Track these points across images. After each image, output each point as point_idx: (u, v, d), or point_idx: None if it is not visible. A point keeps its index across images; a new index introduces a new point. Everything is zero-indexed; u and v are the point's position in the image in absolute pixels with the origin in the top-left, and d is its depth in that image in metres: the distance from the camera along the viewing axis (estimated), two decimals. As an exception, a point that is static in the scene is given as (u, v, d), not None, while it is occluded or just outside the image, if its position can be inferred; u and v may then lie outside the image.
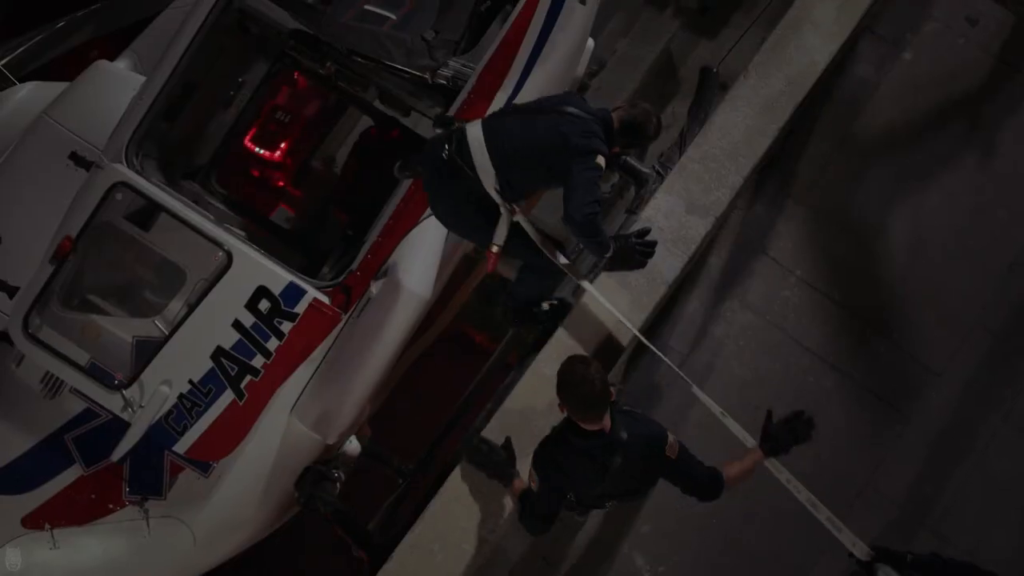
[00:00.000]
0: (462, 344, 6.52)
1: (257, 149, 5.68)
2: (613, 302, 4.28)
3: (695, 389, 3.98)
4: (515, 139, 3.88)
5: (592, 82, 6.60)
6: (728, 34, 7.73)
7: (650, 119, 3.92)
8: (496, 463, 4.10)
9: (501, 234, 3.97)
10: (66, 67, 5.72)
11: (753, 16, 8.23)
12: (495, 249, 3.99)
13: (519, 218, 3.94)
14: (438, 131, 4.18)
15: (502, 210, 3.94)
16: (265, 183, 5.88)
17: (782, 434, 3.65)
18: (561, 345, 4.44)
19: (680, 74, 7.55)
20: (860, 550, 3.56)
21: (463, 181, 3.91)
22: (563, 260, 4.13)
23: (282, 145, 5.74)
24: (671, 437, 3.65)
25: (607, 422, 3.47)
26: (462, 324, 6.41)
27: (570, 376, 3.43)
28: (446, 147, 3.93)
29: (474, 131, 3.90)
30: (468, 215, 4.07)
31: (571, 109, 3.85)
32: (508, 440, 4.14)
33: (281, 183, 5.86)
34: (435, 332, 5.98)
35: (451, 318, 6.06)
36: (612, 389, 3.46)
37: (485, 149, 3.84)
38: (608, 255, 4.26)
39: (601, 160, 3.83)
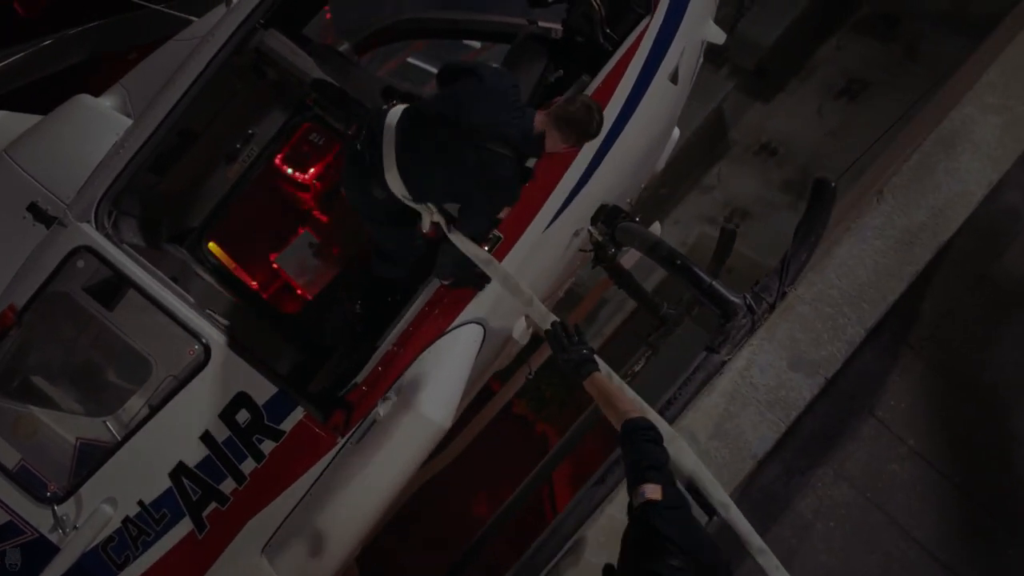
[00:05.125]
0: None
1: (287, 169, 5.27)
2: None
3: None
4: (427, 154, 3.50)
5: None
6: (783, 99, 7.65)
7: (591, 116, 3.42)
8: None
9: (427, 223, 3.70)
10: (48, 93, 4.98)
11: (812, 84, 7.77)
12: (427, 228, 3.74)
13: (439, 218, 3.62)
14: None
15: (421, 212, 3.65)
16: (285, 214, 5.40)
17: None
18: (610, 529, 3.53)
19: (730, 136, 7.28)
20: None
21: (374, 178, 3.59)
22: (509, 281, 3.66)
23: (313, 167, 5.29)
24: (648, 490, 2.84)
25: None
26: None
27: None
28: (360, 136, 3.62)
29: (391, 123, 3.52)
30: (382, 218, 3.83)
31: (493, 147, 3.40)
32: None
33: (307, 206, 5.42)
34: (449, 457, 5.16)
35: (470, 439, 5.22)
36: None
37: (394, 150, 3.50)
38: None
39: None
